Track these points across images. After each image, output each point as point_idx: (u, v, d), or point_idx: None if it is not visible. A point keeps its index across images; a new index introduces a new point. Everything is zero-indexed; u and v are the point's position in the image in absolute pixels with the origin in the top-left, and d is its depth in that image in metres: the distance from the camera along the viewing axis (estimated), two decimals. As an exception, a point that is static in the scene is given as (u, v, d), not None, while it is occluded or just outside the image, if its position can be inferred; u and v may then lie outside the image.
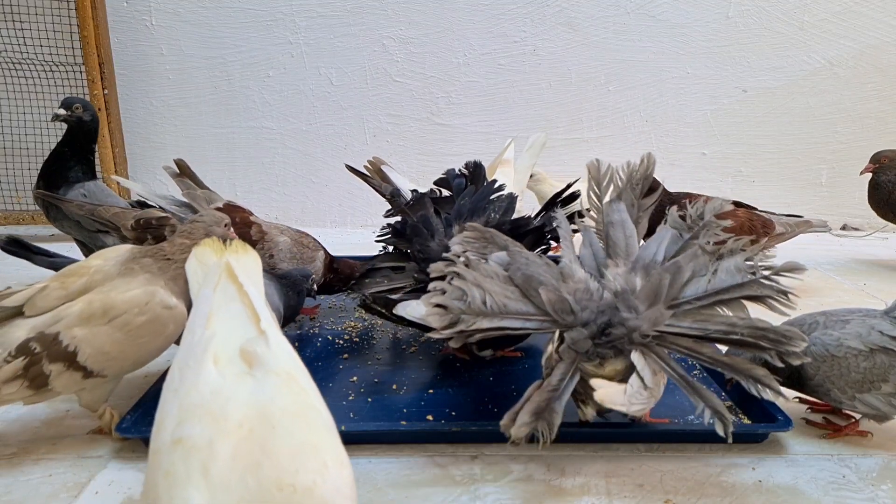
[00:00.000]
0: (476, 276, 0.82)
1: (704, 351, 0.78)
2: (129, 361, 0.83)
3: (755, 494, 0.78)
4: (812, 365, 0.87)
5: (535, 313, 0.81)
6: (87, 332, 0.78)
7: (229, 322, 0.63)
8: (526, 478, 0.81)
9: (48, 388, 0.78)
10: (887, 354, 0.83)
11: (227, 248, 0.71)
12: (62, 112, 1.44)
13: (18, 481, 0.79)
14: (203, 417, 0.54)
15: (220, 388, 0.57)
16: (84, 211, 1.37)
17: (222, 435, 0.52)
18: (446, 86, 2.18)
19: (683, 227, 0.87)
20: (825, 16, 2.11)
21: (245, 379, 0.58)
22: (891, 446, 0.90)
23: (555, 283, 0.82)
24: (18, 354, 0.76)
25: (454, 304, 0.79)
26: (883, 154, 1.75)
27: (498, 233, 0.93)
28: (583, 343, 0.79)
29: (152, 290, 0.82)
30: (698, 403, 0.75)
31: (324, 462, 0.53)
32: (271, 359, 0.59)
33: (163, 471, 0.52)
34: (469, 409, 0.97)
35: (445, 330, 0.79)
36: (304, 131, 2.22)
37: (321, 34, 2.14)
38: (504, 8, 2.12)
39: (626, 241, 0.88)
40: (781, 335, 0.75)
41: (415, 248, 1.09)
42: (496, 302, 0.80)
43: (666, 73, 2.17)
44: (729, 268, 0.80)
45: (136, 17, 2.11)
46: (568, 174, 1.84)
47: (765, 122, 2.21)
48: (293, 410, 0.56)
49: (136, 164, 2.18)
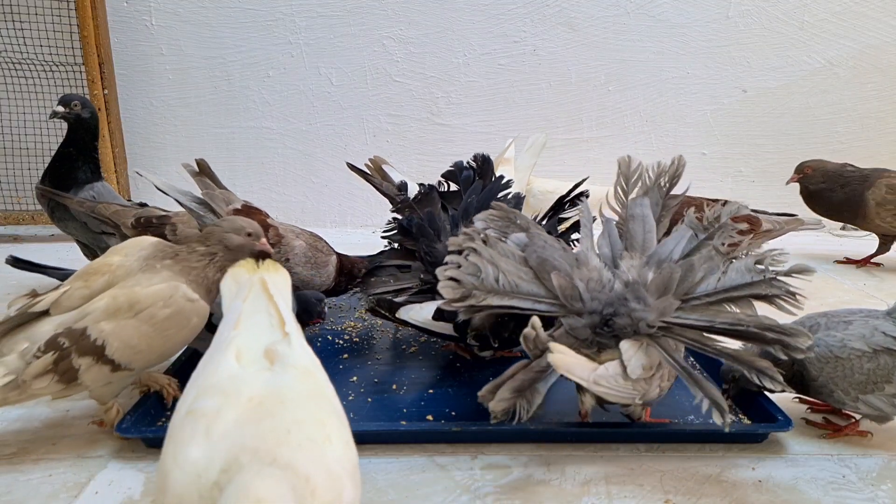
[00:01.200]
0: (492, 254, 0.84)
1: (710, 342, 0.79)
2: (155, 354, 0.84)
3: (755, 494, 0.78)
4: (815, 366, 0.87)
5: (546, 296, 0.83)
6: (115, 326, 0.79)
7: (256, 326, 0.66)
8: (526, 478, 0.81)
9: (77, 382, 0.79)
10: (891, 355, 0.84)
11: (261, 267, 0.74)
12: (61, 109, 1.43)
13: (18, 481, 0.79)
14: (216, 394, 0.56)
15: (238, 374, 0.60)
16: (84, 208, 1.37)
17: (230, 406, 0.55)
18: (446, 86, 2.18)
19: (699, 228, 0.88)
20: (825, 16, 2.11)
21: (263, 372, 0.60)
22: (891, 446, 0.90)
23: (568, 268, 0.84)
24: (48, 350, 0.77)
25: (467, 278, 0.82)
26: (806, 164, 1.79)
27: (522, 214, 0.95)
28: (581, 331, 0.81)
29: (175, 285, 0.84)
30: (697, 394, 0.76)
31: (328, 436, 0.54)
32: (291, 356, 0.62)
33: (171, 438, 0.54)
34: (469, 409, 0.97)
35: (456, 303, 0.81)
36: (304, 131, 2.22)
37: (321, 34, 2.14)
38: (504, 8, 2.12)
39: (645, 235, 0.89)
40: (786, 331, 0.77)
41: (421, 248, 1.10)
42: (508, 281, 0.82)
43: (666, 73, 2.17)
44: (740, 267, 0.81)
45: (136, 17, 2.11)
46: (568, 174, 1.84)
47: (765, 122, 2.21)
48: (306, 394, 0.58)
49: (136, 164, 2.18)
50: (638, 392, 0.79)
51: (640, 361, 0.78)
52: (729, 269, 0.81)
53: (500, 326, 1.02)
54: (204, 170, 1.25)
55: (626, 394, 0.79)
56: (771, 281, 0.80)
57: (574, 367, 0.77)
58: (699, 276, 0.81)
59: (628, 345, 0.79)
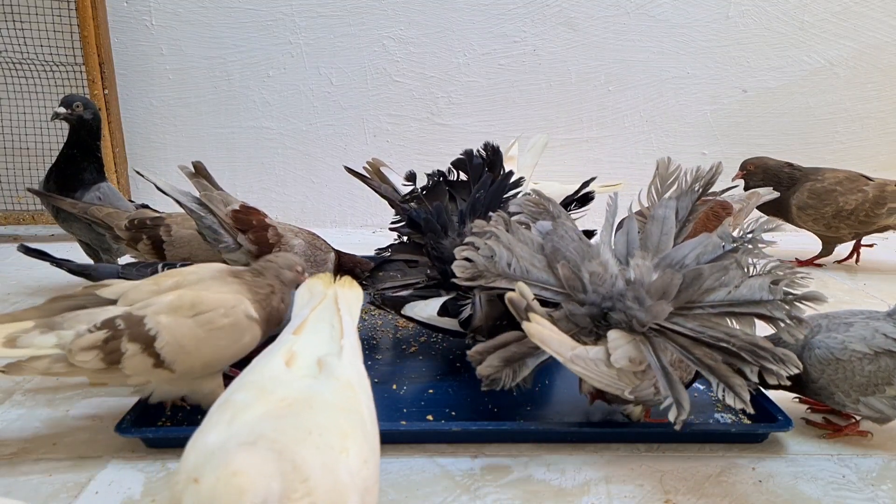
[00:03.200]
0: (510, 240, 0.88)
1: (695, 352, 0.80)
2: (199, 361, 0.83)
3: (755, 494, 0.78)
4: (816, 368, 0.87)
5: (554, 285, 0.86)
6: (171, 322, 0.80)
7: (317, 335, 0.68)
8: (526, 478, 0.81)
9: (119, 366, 0.79)
10: (891, 357, 0.83)
11: (337, 282, 0.77)
12: (62, 110, 1.43)
13: (18, 481, 0.79)
14: (252, 390, 0.58)
15: (278, 376, 0.61)
16: (77, 210, 1.37)
17: (261, 401, 0.56)
18: (446, 86, 2.18)
19: (728, 239, 0.87)
20: (825, 16, 2.11)
21: (306, 378, 0.61)
22: (891, 446, 0.90)
23: (578, 260, 0.86)
24: (103, 327, 0.79)
25: (480, 259, 0.87)
26: (749, 162, 1.80)
27: (556, 203, 0.97)
28: (580, 318, 0.83)
29: (241, 298, 0.85)
30: (666, 392, 0.77)
31: (346, 447, 0.54)
32: (338, 368, 0.63)
33: (201, 426, 0.54)
34: (469, 409, 0.97)
35: (466, 281, 0.87)
36: (304, 131, 2.21)
37: (321, 34, 2.14)
38: (504, 8, 2.12)
39: (661, 237, 0.90)
40: (774, 356, 0.77)
41: (428, 243, 1.10)
42: (520, 266, 0.86)
43: (666, 73, 2.17)
44: (754, 285, 0.80)
45: (136, 17, 2.11)
46: (568, 174, 1.85)
47: (765, 122, 2.21)
48: (338, 405, 0.58)
49: (135, 164, 2.18)
50: (625, 384, 0.80)
51: (626, 352, 0.79)
52: (742, 285, 0.80)
53: (497, 329, 1.02)
54: (200, 171, 1.25)
55: (609, 382, 0.80)
56: (780, 302, 0.79)
57: (550, 341, 0.79)
58: (708, 284, 0.81)
59: (617, 334, 0.80)
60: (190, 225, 1.30)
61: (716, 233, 0.87)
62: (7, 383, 1.04)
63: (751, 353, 0.77)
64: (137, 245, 1.32)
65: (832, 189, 1.69)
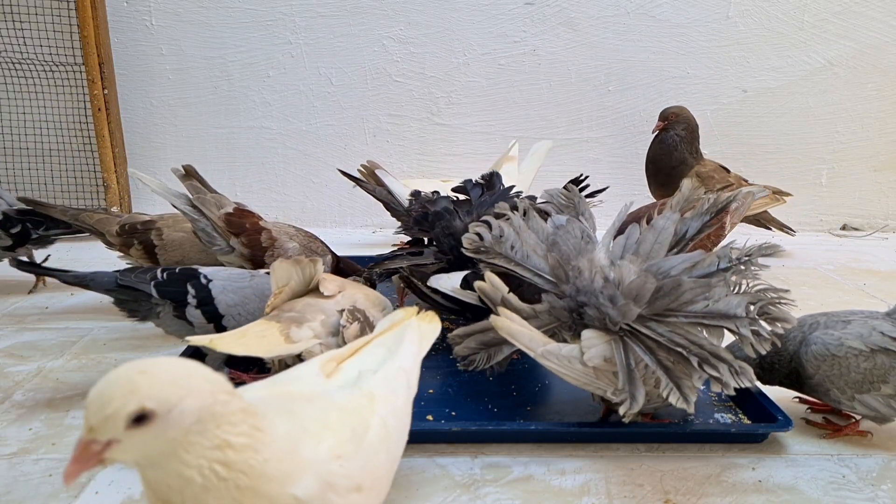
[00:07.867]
0: (521, 226, 0.94)
1: (659, 354, 0.81)
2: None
3: (755, 494, 0.78)
4: (812, 364, 0.87)
5: (547, 273, 0.90)
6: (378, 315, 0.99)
7: (371, 357, 0.69)
8: (526, 478, 0.81)
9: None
10: (888, 355, 0.83)
11: (418, 315, 0.80)
12: None
13: (18, 481, 0.79)
14: (267, 383, 0.59)
15: (303, 377, 0.62)
16: (68, 216, 1.37)
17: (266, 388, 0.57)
18: (446, 86, 2.18)
19: (725, 258, 0.86)
20: (825, 16, 2.11)
21: (331, 385, 0.62)
22: (891, 446, 0.90)
23: (570, 254, 0.90)
24: (353, 320, 0.95)
25: (489, 236, 0.93)
26: (670, 111, 1.84)
27: (583, 200, 1.03)
28: (559, 312, 0.87)
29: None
30: (625, 388, 0.79)
31: (320, 436, 0.53)
32: (368, 380, 0.63)
33: None
34: (469, 409, 0.97)
35: (472, 253, 0.93)
36: (304, 131, 2.21)
37: (321, 34, 2.14)
38: (504, 8, 2.12)
39: (653, 245, 0.91)
40: (731, 367, 0.78)
41: (437, 230, 1.13)
42: (523, 251, 0.92)
43: (666, 73, 2.17)
44: (731, 301, 0.81)
45: (136, 17, 2.10)
46: (568, 174, 1.84)
47: (765, 122, 2.21)
48: (342, 406, 0.57)
49: (136, 164, 2.18)
50: (605, 384, 0.81)
51: (600, 352, 0.81)
52: (721, 300, 0.81)
53: None
54: (191, 174, 1.24)
55: (587, 381, 0.82)
56: (748, 320, 0.80)
57: (520, 336, 0.82)
58: (686, 297, 0.82)
59: (592, 333, 0.83)
60: (181, 227, 1.30)
61: (715, 251, 0.87)
62: (7, 383, 1.04)
63: (705, 362, 0.79)
64: (129, 250, 1.32)
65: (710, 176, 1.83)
